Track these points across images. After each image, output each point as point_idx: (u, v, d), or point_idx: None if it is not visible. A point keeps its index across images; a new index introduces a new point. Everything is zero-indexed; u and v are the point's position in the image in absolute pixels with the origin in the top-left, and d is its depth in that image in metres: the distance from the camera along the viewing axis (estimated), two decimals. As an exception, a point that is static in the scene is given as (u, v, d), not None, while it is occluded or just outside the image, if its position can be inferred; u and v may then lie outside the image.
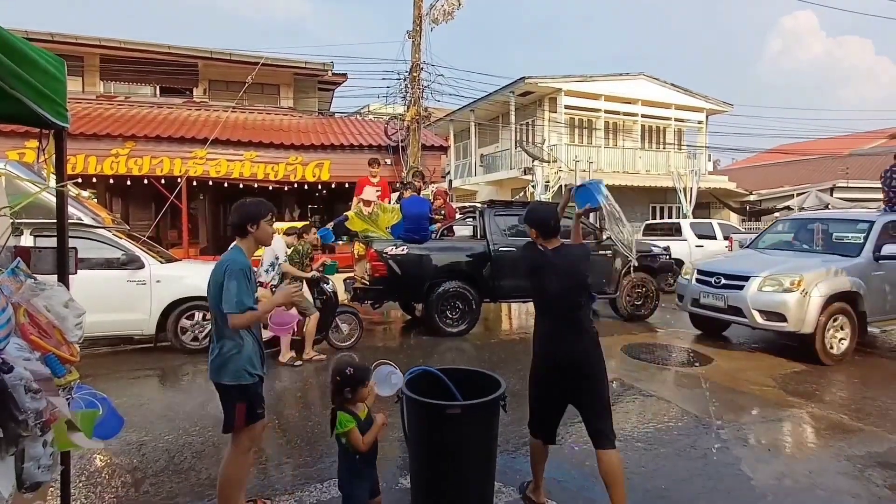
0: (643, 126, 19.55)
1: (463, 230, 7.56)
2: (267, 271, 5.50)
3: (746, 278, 5.70)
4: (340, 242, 8.19)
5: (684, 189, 16.73)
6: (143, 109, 11.74)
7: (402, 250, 6.66)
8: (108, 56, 12.10)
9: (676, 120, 19.91)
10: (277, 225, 7.77)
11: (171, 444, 3.53)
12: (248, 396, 2.40)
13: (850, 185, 18.69)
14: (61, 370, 1.87)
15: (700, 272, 6.33)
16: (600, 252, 7.49)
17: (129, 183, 10.05)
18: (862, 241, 5.85)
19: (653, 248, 8.44)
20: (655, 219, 18.22)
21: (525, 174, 16.72)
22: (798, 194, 15.87)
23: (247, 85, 11.36)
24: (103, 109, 11.21)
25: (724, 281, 5.95)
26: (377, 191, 7.99)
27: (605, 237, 7.68)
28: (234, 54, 12.61)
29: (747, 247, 7.40)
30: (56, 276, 2.23)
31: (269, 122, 12.04)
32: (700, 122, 20.35)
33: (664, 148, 20.01)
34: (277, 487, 2.94)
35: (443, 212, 8.00)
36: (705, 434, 3.68)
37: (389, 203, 7.69)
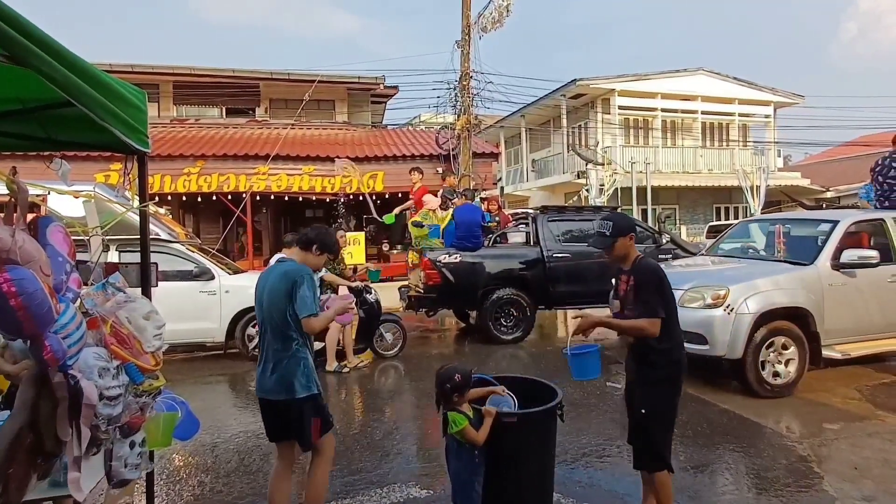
0: (704, 123, 18.68)
1: (516, 237, 7.51)
2: None
3: None
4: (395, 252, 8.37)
5: (752, 188, 15.79)
6: (211, 130, 12.54)
7: (456, 258, 6.70)
8: (179, 82, 13.04)
9: (741, 115, 18.88)
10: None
11: (240, 445, 3.73)
12: (319, 407, 2.45)
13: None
14: (139, 377, 2.03)
15: None
16: (660, 256, 7.21)
17: (199, 199, 10.74)
18: (819, 245, 4.77)
19: None
20: (720, 220, 17.31)
21: (578, 178, 16.38)
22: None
23: (304, 102, 11.87)
24: (176, 132, 12.07)
25: None
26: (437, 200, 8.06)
27: (664, 240, 7.39)
28: (293, 74, 13.22)
29: (703, 253, 6.40)
30: (140, 289, 2.43)
31: (325, 137, 12.52)
32: (767, 116, 19.19)
33: (728, 145, 19.01)
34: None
35: (497, 218, 8.00)
36: (783, 450, 3.44)
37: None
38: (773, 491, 2.92)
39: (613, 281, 2.61)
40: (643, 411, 2.33)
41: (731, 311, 4.30)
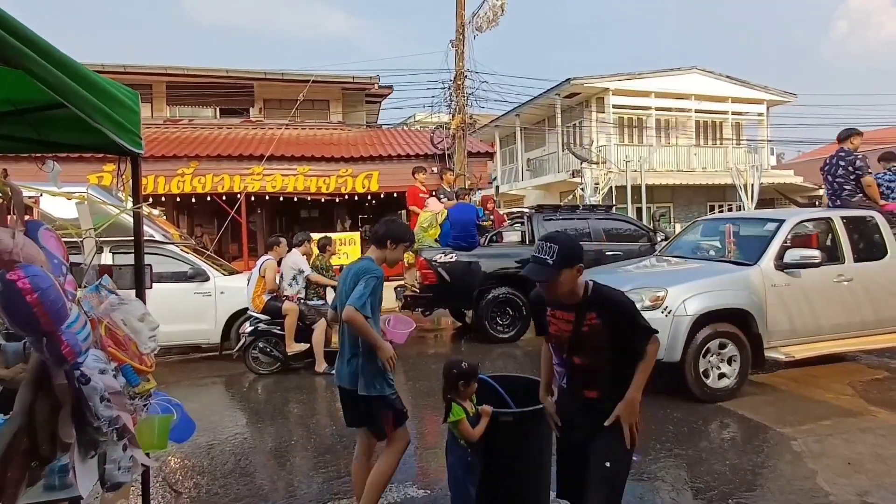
0: (698, 122, 18.77)
1: (512, 236, 7.52)
2: (290, 285, 5.67)
3: None
4: None
5: (745, 185, 15.87)
6: (205, 131, 12.48)
7: (451, 258, 6.71)
8: (173, 82, 12.97)
9: (734, 113, 18.98)
10: (333, 235, 8.07)
11: (237, 447, 3.72)
12: (390, 402, 2.49)
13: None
14: (136, 380, 2.03)
15: None
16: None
17: (193, 200, 10.69)
18: (764, 245, 4.63)
19: None
20: (714, 218, 17.39)
21: (573, 177, 16.41)
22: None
23: (298, 102, 11.83)
24: (170, 133, 12.01)
25: None
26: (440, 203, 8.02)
27: (659, 239, 7.42)
28: (287, 74, 13.18)
29: (657, 253, 6.19)
30: (134, 290, 2.41)
31: (320, 137, 12.49)
32: (760, 115, 19.31)
33: (721, 143, 19.11)
34: (308, 500, 2.98)
35: (492, 217, 8.01)
36: (777, 445, 3.47)
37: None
38: (769, 486, 2.95)
39: (547, 313, 2.10)
40: (608, 464, 1.91)
41: (669, 313, 4.16)
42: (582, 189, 15.09)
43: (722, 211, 18.38)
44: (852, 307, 4.66)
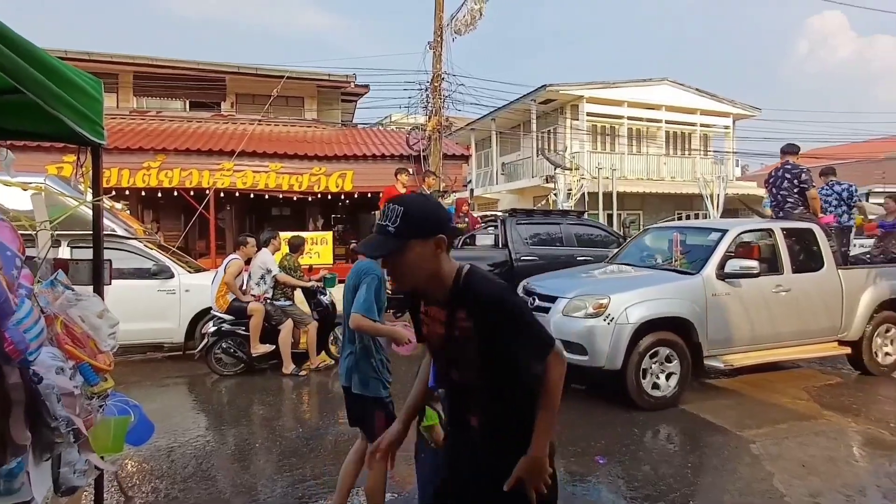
0: (668, 132, 19.27)
1: (485, 239, 7.56)
2: (258, 284, 5.57)
3: (555, 299, 4.61)
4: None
5: (711, 195, 16.38)
6: (173, 124, 12.13)
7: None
8: (140, 73, 12.56)
9: (702, 125, 19.56)
10: (304, 234, 7.95)
11: (199, 450, 3.61)
12: (384, 405, 2.45)
13: (887, 189, 18.00)
14: (94, 379, 1.94)
15: (525, 290, 5.21)
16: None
17: (159, 195, 10.37)
18: (707, 255, 4.68)
19: None
20: (681, 226, 17.86)
21: (547, 182, 16.62)
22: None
23: (272, 98, 11.63)
24: (136, 124, 11.62)
25: (537, 302, 4.81)
26: None
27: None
28: (260, 69, 12.94)
29: (608, 260, 6.13)
30: (92, 286, 2.31)
31: (293, 134, 12.29)
32: (727, 128, 19.95)
33: (689, 154, 19.66)
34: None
35: (466, 219, 8.04)
36: (737, 448, 3.57)
37: None
38: (729, 487, 3.03)
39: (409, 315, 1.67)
40: None
41: (612, 321, 4.16)
42: (555, 194, 15.30)
43: (689, 219, 18.92)
44: (790, 317, 4.77)
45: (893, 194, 7.81)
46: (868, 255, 6.95)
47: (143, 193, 10.27)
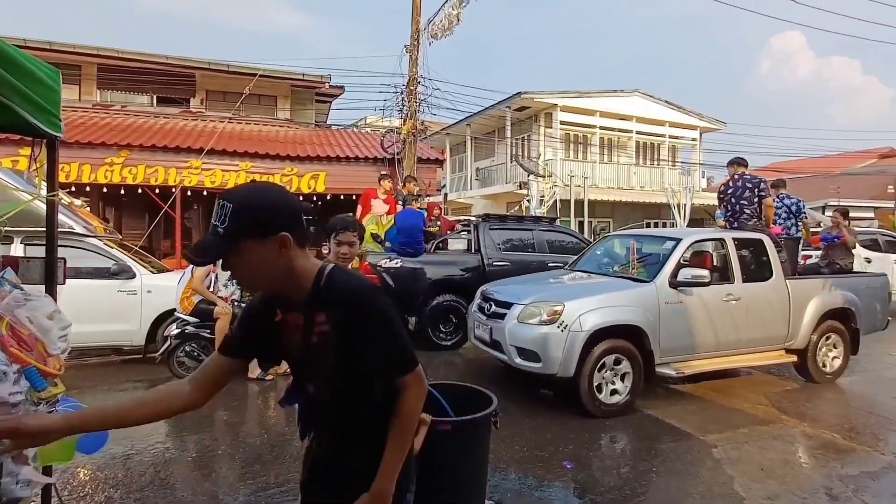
0: (638, 142, 19.76)
1: (457, 244, 7.56)
2: (225, 286, 5.45)
3: (510, 305, 4.62)
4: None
5: (678, 205, 16.87)
6: (139, 119, 11.74)
7: (396, 263, 6.64)
8: (105, 65, 12.13)
9: (671, 137, 20.14)
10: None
11: (157, 457, 3.47)
12: None
13: (841, 203, 18.88)
14: (41, 384, 1.84)
15: (482, 295, 5.21)
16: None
17: (122, 192, 10.01)
18: (662, 263, 4.74)
19: None
20: (649, 234, 18.30)
21: (520, 188, 16.80)
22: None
23: (244, 96, 11.40)
24: (99, 118, 11.21)
25: (493, 308, 4.83)
26: (387, 206, 7.97)
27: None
28: (232, 65, 12.67)
29: (567, 266, 6.09)
30: (44, 286, 2.20)
31: (265, 134, 12.07)
32: (694, 140, 20.59)
33: (658, 164, 20.20)
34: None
35: (439, 223, 8.03)
36: (699, 453, 3.65)
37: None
38: (691, 491, 3.09)
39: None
40: None
41: (566, 328, 4.15)
42: (528, 200, 15.49)
43: (657, 227, 19.40)
44: (740, 325, 4.85)
45: (841, 209, 8.22)
46: (819, 266, 7.29)
47: (105, 190, 9.89)
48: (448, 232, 7.94)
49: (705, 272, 4.63)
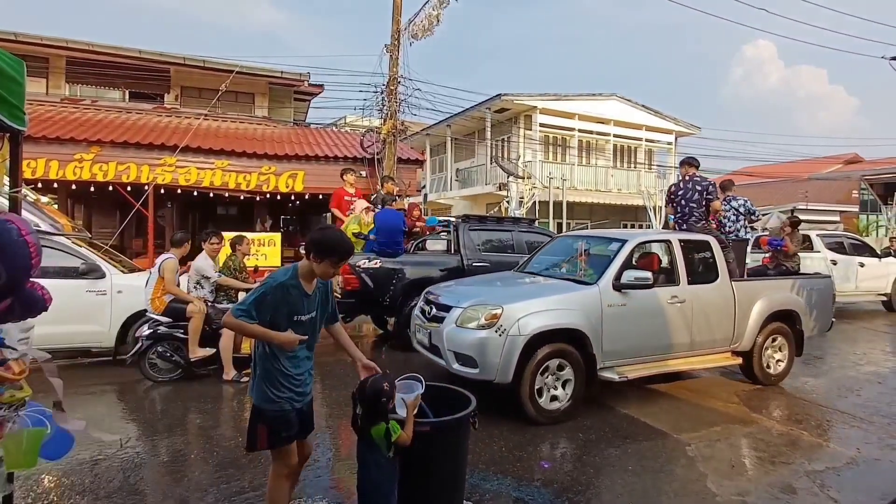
0: (615, 146, 20.07)
1: (437, 244, 7.55)
2: (195, 288, 5.36)
3: (450, 308, 4.44)
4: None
5: (654, 207, 17.18)
6: (110, 114, 11.41)
7: (376, 264, 6.60)
8: (74, 58, 11.75)
9: (647, 140, 20.51)
10: (251, 235, 7.66)
11: (126, 462, 3.37)
12: (268, 419, 2.30)
13: (809, 207, 19.53)
14: (-1, 389, 1.77)
15: (425, 298, 5.02)
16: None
17: (92, 189, 9.71)
18: (606, 265, 4.59)
19: None
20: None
21: (500, 190, 16.90)
22: (762, 215, 16.49)
23: (220, 93, 11.18)
24: (68, 113, 10.84)
25: (434, 311, 4.65)
26: (365, 202, 7.92)
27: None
28: (208, 61, 12.42)
29: (516, 268, 5.85)
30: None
31: (242, 131, 11.86)
32: (669, 144, 21.01)
33: (635, 167, 20.55)
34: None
35: (419, 224, 8.02)
36: (674, 451, 3.72)
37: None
38: (666, 489, 3.14)
39: None
40: None
41: (504, 332, 3.97)
42: (507, 202, 15.57)
43: (633, 228, 19.74)
44: (685, 327, 4.74)
45: (792, 218, 8.45)
46: (767, 268, 7.48)
47: (74, 187, 9.58)
48: (432, 231, 7.93)
49: (648, 274, 4.50)
